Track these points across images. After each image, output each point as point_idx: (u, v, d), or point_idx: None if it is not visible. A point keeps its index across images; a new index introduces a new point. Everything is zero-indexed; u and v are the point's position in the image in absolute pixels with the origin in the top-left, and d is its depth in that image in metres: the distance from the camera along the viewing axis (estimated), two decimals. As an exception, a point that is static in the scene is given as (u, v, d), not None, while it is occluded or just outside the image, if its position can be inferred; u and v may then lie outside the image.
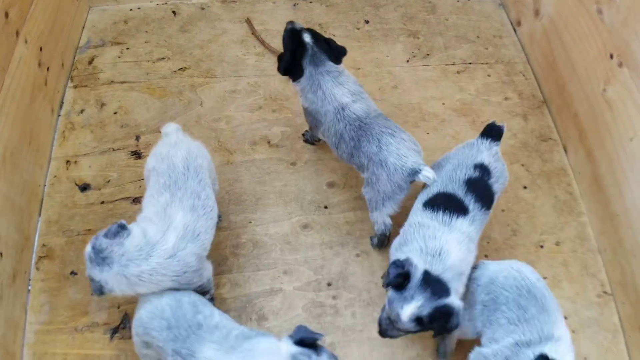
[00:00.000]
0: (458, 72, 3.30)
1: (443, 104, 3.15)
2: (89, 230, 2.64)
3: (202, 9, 3.48)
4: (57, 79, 2.98)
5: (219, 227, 2.34)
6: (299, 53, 2.42)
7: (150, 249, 2.02)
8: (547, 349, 1.86)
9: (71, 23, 3.21)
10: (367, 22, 3.52)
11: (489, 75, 3.29)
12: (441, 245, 2.05)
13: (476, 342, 2.10)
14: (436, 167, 2.36)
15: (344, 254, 2.62)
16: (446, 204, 2.18)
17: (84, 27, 3.37)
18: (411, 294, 1.92)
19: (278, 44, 3.16)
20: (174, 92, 3.12)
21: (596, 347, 2.46)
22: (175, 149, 2.26)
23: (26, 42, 2.60)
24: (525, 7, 3.35)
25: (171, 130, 2.35)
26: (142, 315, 2.02)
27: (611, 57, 2.53)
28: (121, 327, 2.42)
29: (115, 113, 3.01)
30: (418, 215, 2.21)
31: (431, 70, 3.30)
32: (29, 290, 2.50)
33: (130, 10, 3.47)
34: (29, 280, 2.51)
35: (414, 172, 2.31)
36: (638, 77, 2.37)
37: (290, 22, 2.48)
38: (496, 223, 2.72)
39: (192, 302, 2.03)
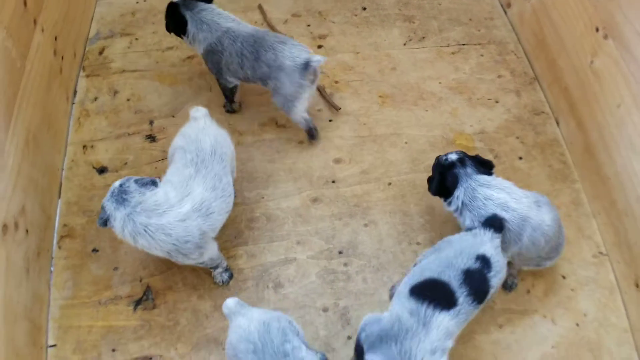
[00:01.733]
0: (453, 53, 3.45)
1: (439, 83, 3.30)
2: None
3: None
4: (70, 68, 3.08)
5: (234, 203, 2.47)
6: (178, 16, 2.81)
7: (166, 208, 2.17)
8: None
9: (81, 15, 3.31)
10: (364, 8, 3.66)
11: (482, 55, 3.44)
12: (414, 354, 1.95)
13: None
14: (436, 250, 2.30)
15: (353, 224, 2.75)
16: (434, 294, 2.06)
17: (92, 19, 3.47)
18: None
19: (281, 29, 3.35)
20: (184, 79, 3.23)
21: (594, 304, 2.60)
22: (204, 134, 2.39)
23: (42, 30, 2.70)
24: (515, -11, 3.50)
25: (200, 115, 2.48)
26: (232, 338, 2.03)
27: (597, 30, 2.69)
28: (144, 298, 2.53)
29: (128, 100, 3.12)
30: (401, 303, 2.09)
31: (427, 52, 3.45)
32: (51, 270, 2.58)
33: (137, 2, 3.58)
34: (52, 258, 2.61)
35: (306, 66, 2.66)
36: (622, 47, 2.52)
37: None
38: (495, 191, 2.87)
39: (282, 329, 1.99)
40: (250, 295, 2.54)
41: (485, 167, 2.41)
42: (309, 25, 3.53)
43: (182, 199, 2.21)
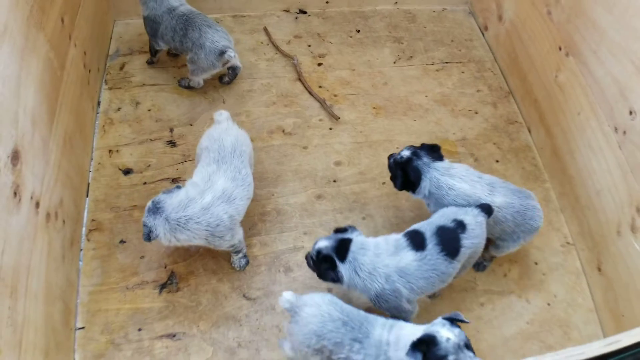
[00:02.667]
0: (437, 70, 3.78)
1: (426, 96, 3.62)
2: (134, 206, 2.96)
3: (217, 22, 3.90)
4: (95, 80, 3.32)
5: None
6: None
7: (187, 202, 2.46)
8: None
9: (103, 33, 3.58)
10: (358, 31, 3.99)
11: (463, 72, 3.78)
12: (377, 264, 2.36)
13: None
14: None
15: (352, 217, 3.03)
16: (411, 236, 2.44)
17: (111, 38, 3.73)
18: None
19: (285, 49, 3.68)
20: (200, 92, 3.49)
21: (563, 287, 2.89)
22: (226, 134, 2.69)
23: (75, 45, 2.95)
24: (491, 14, 3.86)
25: (223, 118, 2.80)
26: (312, 329, 2.18)
27: (560, 49, 3.04)
28: (168, 282, 2.74)
29: (149, 110, 3.37)
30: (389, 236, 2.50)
31: (415, 69, 3.77)
32: (80, 260, 2.78)
33: None
34: (81, 250, 2.80)
35: (222, 53, 3.20)
36: (581, 63, 2.87)
37: None
38: (476, 189, 3.20)
39: (332, 299, 2.28)
40: (263, 278, 2.79)
41: (435, 151, 2.66)
42: (309, 46, 3.84)
43: (204, 192, 2.50)
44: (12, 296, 1.98)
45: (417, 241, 2.41)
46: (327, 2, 4.04)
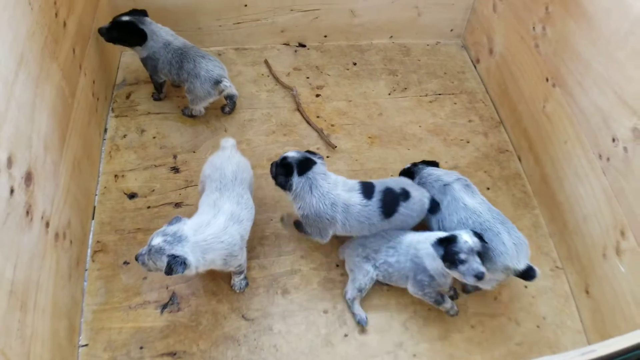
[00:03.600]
0: (430, 102, 3.90)
1: (420, 126, 3.73)
2: (138, 229, 3.05)
3: (219, 54, 4.02)
4: (102, 108, 3.45)
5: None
6: (138, 30, 3.36)
7: (205, 226, 2.51)
8: None
9: (110, 63, 3.71)
10: (354, 64, 4.13)
11: (455, 103, 3.90)
12: (329, 189, 2.75)
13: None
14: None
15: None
16: (366, 185, 2.82)
17: (118, 68, 3.87)
18: None
19: (284, 80, 3.82)
20: (203, 121, 3.61)
21: (552, 309, 2.94)
22: (228, 162, 2.80)
23: (85, 75, 3.08)
24: (482, 48, 4.00)
25: (228, 145, 2.93)
26: (358, 242, 2.89)
27: (547, 80, 3.16)
28: (170, 303, 2.80)
29: (154, 137, 3.49)
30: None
31: (409, 101, 3.89)
32: (85, 281, 2.84)
33: None
34: (86, 270, 2.87)
35: (217, 82, 3.38)
36: (567, 93, 2.98)
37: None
38: (467, 215, 3.30)
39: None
40: (262, 299, 2.86)
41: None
42: (308, 77, 3.97)
43: (216, 215, 2.58)
44: (22, 309, 2.07)
45: (367, 191, 2.79)
46: (325, 37, 4.20)
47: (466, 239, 2.50)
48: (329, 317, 2.87)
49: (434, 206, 2.90)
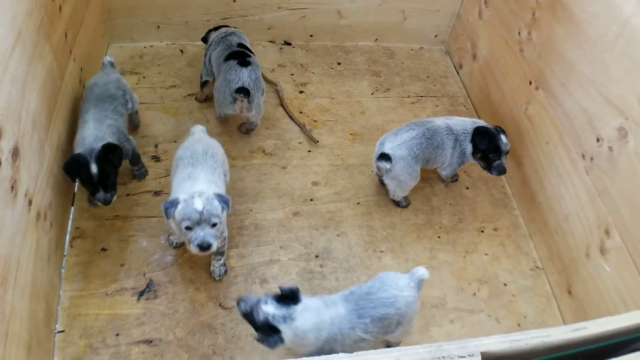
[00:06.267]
0: (412, 103, 3.97)
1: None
2: (117, 216, 3.03)
3: (205, 48, 4.07)
4: None
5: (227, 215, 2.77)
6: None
7: (193, 192, 2.45)
8: None
9: (98, 53, 3.71)
10: (339, 63, 4.19)
11: (437, 106, 3.97)
12: None
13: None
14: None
15: (327, 234, 3.13)
16: None
17: None
18: None
19: (269, 76, 3.85)
20: (185, 112, 3.62)
21: (533, 308, 2.98)
22: (197, 143, 2.81)
23: (74, 60, 3.09)
24: (466, 53, 4.08)
25: (197, 130, 2.93)
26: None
27: (530, 83, 3.23)
28: (147, 290, 2.78)
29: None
30: None
31: (391, 101, 3.95)
32: (63, 266, 2.80)
33: (144, 47, 4.01)
34: (64, 256, 2.83)
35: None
36: (550, 95, 3.05)
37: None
38: (445, 213, 3.32)
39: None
40: (239, 288, 2.85)
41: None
42: (292, 75, 4.02)
43: (193, 186, 2.53)
44: (2, 285, 2.03)
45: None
46: (311, 36, 4.25)
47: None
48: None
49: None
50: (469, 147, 3.18)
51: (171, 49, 4.03)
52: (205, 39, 3.64)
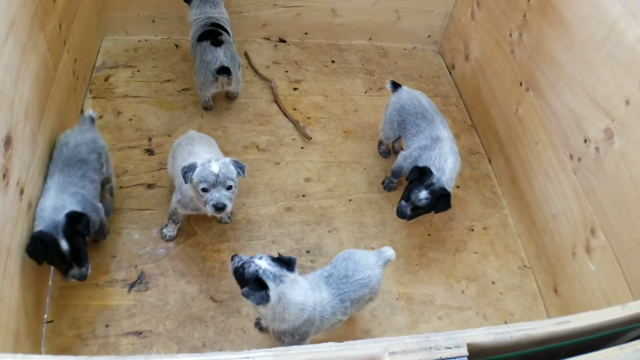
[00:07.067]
0: None
1: None
2: None
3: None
4: (81, 88, 3.44)
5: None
6: None
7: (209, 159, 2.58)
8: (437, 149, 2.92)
9: (92, 45, 3.72)
10: (333, 61, 4.21)
11: None
12: None
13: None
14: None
15: (319, 230, 3.15)
16: None
17: (98, 52, 3.87)
18: None
19: (263, 72, 3.86)
20: (180, 107, 3.63)
21: (520, 307, 3.01)
22: (193, 133, 2.99)
23: (68, 51, 3.09)
24: (458, 54, 4.12)
25: (193, 132, 3.04)
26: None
27: (520, 84, 3.27)
28: (137, 282, 2.78)
29: (130, 120, 3.49)
30: None
31: (384, 100, 3.84)
32: None
33: (139, 41, 4.01)
34: None
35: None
36: (540, 96, 3.09)
37: None
38: (437, 211, 3.37)
39: None
40: (231, 282, 2.81)
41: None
42: (286, 71, 4.03)
43: (196, 158, 2.65)
44: (-9, 272, 2.04)
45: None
46: (305, 34, 4.27)
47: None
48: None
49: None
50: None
51: (166, 44, 4.04)
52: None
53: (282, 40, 4.26)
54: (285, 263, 2.26)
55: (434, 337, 1.45)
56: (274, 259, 2.26)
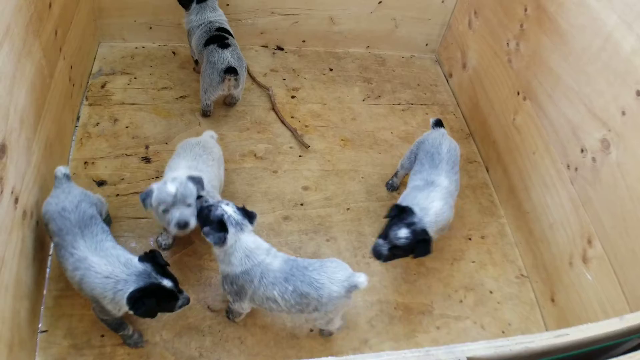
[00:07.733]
0: (403, 110, 4.00)
1: (391, 133, 3.82)
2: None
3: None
4: (77, 95, 3.43)
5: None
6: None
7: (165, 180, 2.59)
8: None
9: (88, 52, 3.71)
10: (331, 69, 4.21)
11: (427, 114, 4.00)
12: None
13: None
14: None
15: (317, 239, 3.14)
16: None
17: (95, 58, 3.85)
18: None
19: (261, 80, 3.86)
20: (177, 114, 3.62)
21: (517, 316, 3.01)
22: (195, 139, 2.96)
23: (64, 58, 3.08)
24: (456, 62, 4.12)
25: (207, 133, 3.06)
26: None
27: (518, 94, 3.27)
28: None
29: (127, 127, 3.47)
30: None
31: (382, 108, 3.98)
32: (48, 267, 2.78)
33: (136, 48, 4.00)
34: (50, 255, 2.80)
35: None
36: (537, 106, 3.09)
37: None
38: (435, 220, 3.36)
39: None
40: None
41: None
42: (284, 79, 4.03)
43: (172, 173, 2.68)
44: (-15, 283, 2.03)
45: None
46: (303, 42, 4.27)
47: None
48: (295, 312, 2.86)
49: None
50: None
51: (163, 51, 4.03)
52: (185, 5, 3.58)
53: (280, 48, 4.27)
54: (248, 215, 2.45)
55: (434, 351, 1.45)
56: (239, 208, 2.44)
